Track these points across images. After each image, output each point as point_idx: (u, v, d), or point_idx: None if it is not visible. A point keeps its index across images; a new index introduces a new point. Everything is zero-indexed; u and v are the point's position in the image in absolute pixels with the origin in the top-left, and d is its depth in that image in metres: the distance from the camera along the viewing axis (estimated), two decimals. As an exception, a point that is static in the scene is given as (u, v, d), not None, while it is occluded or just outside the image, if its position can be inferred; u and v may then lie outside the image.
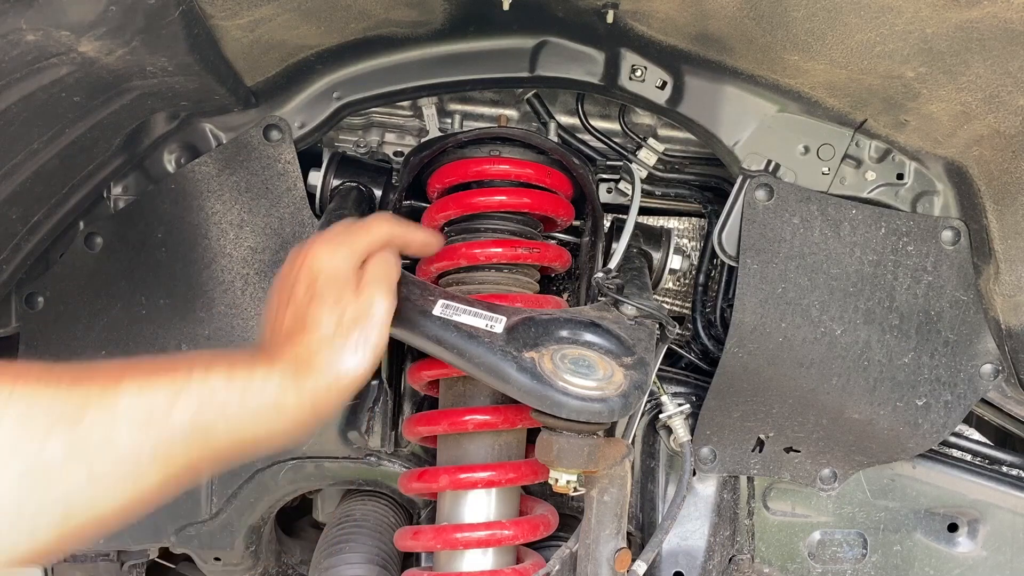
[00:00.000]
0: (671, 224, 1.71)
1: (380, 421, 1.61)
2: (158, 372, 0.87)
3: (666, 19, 1.29)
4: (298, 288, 1.07)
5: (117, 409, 0.83)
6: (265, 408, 0.95)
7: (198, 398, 0.89)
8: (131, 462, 0.84)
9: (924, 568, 1.63)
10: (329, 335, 1.03)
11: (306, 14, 1.25)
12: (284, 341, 1.04)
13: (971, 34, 1.13)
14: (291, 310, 1.07)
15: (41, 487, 0.78)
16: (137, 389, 0.85)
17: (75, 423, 0.80)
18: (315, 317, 1.04)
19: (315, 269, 1.07)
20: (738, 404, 1.50)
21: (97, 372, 0.84)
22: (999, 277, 1.40)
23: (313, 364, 1.01)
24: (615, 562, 1.28)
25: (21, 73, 1.01)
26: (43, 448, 0.78)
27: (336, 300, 1.05)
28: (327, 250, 1.08)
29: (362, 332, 1.05)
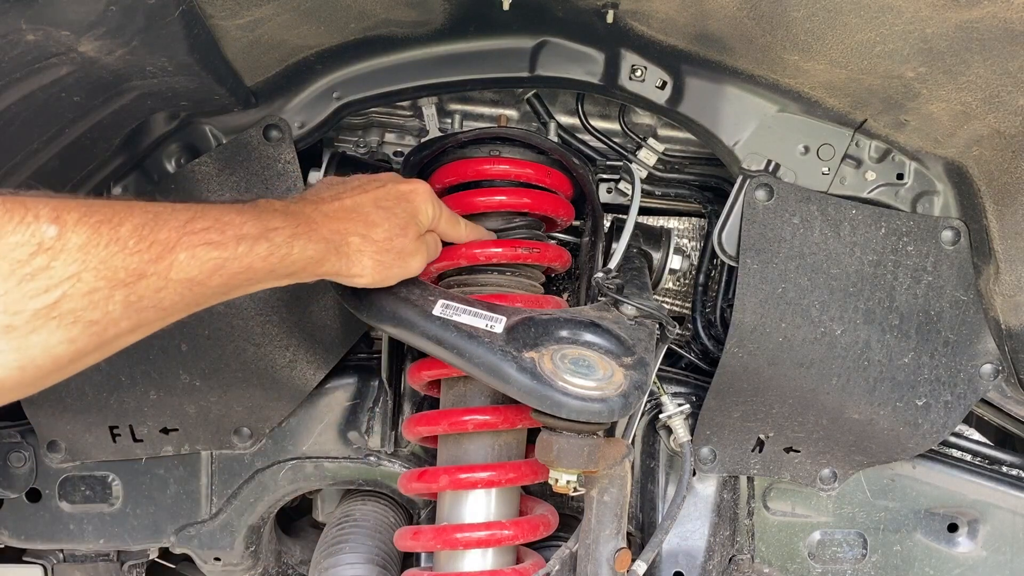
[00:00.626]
0: (671, 224, 1.71)
1: (380, 421, 1.61)
2: (209, 244, 0.95)
3: (666, 19, 1.29)
4: (387, 190, 1.19)
5: (169, 275, 0.91)
6: (285, 275, 1.07)
7: (237, 268, 0.99)
8: (168, 312, 0.94)
9: (924, 568, 1.63)
10: (373, 239, 1.14)
11: (306, 14, 1.25)
12: (336, 214, 1.13)
13: (971, 34, 1.13)
14: (369, 197, 1.17)
15: (99, 335, 0.86)
16: (188, 258, 0.93)
17: (134, 284, 0.88)
18: (378, 220, 1.16)
19: (414, 196, 1.21)
20: (738, 404, 1.50)
21: (158, 231, 0.91)
22: (999, 277, 1.40)
23: (341, 250, 1.12)
24: (615, 562, 1.28)
25: (21, 73, 1.01)
26: (108, 304, 0.86)
27: (404, 227, 1.18)
28: (432, 200, 1.25)
29: (393, 262, 1.18)
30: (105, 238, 0.85)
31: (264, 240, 1.01)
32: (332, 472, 1.64)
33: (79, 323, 0.84)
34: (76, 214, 0.84)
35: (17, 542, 1.63)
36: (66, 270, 0.82)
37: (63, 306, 0.82)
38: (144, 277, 0.89)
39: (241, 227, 0.99)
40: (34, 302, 0.80)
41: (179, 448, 1.58)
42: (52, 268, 0.81)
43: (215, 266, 0.96)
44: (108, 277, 0.85)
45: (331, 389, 1.61)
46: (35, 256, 0.80)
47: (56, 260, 0.81)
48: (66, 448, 1.57)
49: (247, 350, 1.50)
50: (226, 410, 1.55)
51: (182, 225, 0.94)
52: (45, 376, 0.85)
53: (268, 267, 1.02)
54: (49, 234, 0.81)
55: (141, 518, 1.62)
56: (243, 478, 1.62)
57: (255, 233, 1.00)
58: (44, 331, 0.81)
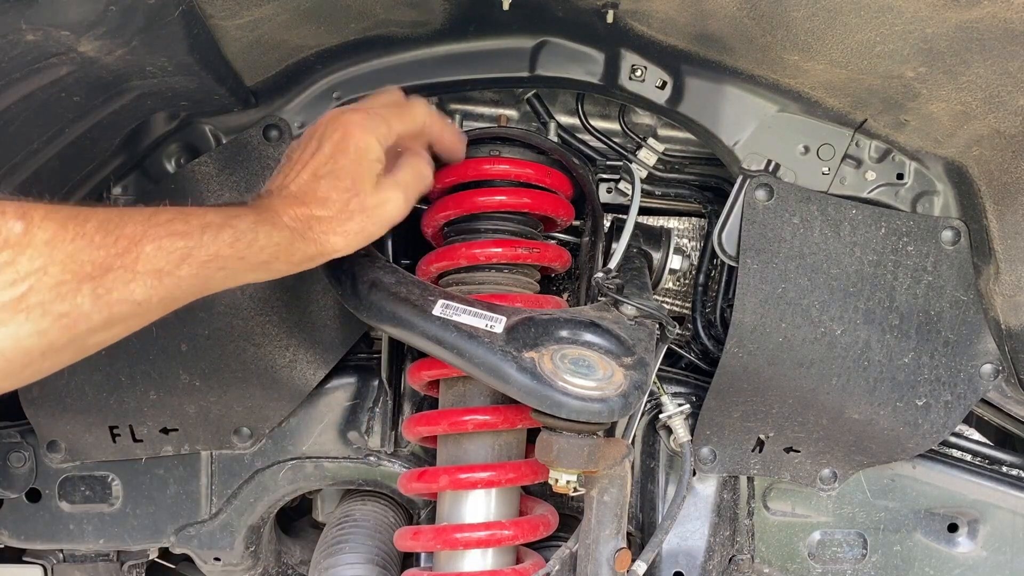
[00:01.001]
0: (671, 224, 1.71)
1: (380, 421, 1.61)
2: (174, 234, 0.97)
3: (666, 19, 1.29)
4: (323, 151, 1.14)
5: (136, 268, 0.93)
6: (260, 264, 1.08)
7: (205, 257, 1.00)
8: (142, 307, 0.96)
9: (924, 568, 1.63)
10: (330, 216, 1.12)
11: (306, 14, 1.25)
12: (291, 200, 1.12)
13: (971, 34, 1.13)
14: (308, 171, 1.14)
15: (70, 328, 0.88)
16: (154, 250, 0.95)
17: (101, 278, 0.90)
18: (325, 193, 1.12)
19: (347, 141, 1.14)
20: (738, 404, 1.50)
21: (123, 226, 0.93)
22: (999, 277, 1.40)
23: (308, 235, 1.11)
24: (615, 562, 1.28)
25: (21, 73, 1.01)
26: (76, 297, 0.88)
27: (353, 182, 1.13)
28: (366, 125, 1.15)
29: (363, 223, 1.15)
30: (71, 233, 0.88)
31: (228, 227, 1.03)
32: (332, 472, 1.64)
33: (48, 315, 0.86)
34: (42, 211, 0.86)
35: (17, 542, 1.63)
36: (32, 264, 0.84)
37: (30, 299, 0.84)
38: (111, 270, 0.91)
39: (204, 216, 1.02)
40: (1, 295, 0.83)
41: (179, 448, 1.58)
42: (18, 263, 0.83)
43: (182, 255, 0.98)
44: (74, 271, 0.87)
45: (331, 389, 1.61)
46: (1, 251, 0.83)
47: (22, 255, 0.84)
48: (66, 448, 1.57)
49: (247, 350, 1.50)
50: (226, 410, 1.55)
51: (146, 219, 0.96)
52: (17, 371, 0.87)
53: (236, 254, 1.03)
54: (15, 230, 0.84)
55: (141, 518, 1.62)
56: (243, 478, 1.62)
57: (219, 221, 1.03)
58: (12, 324, 0.84)
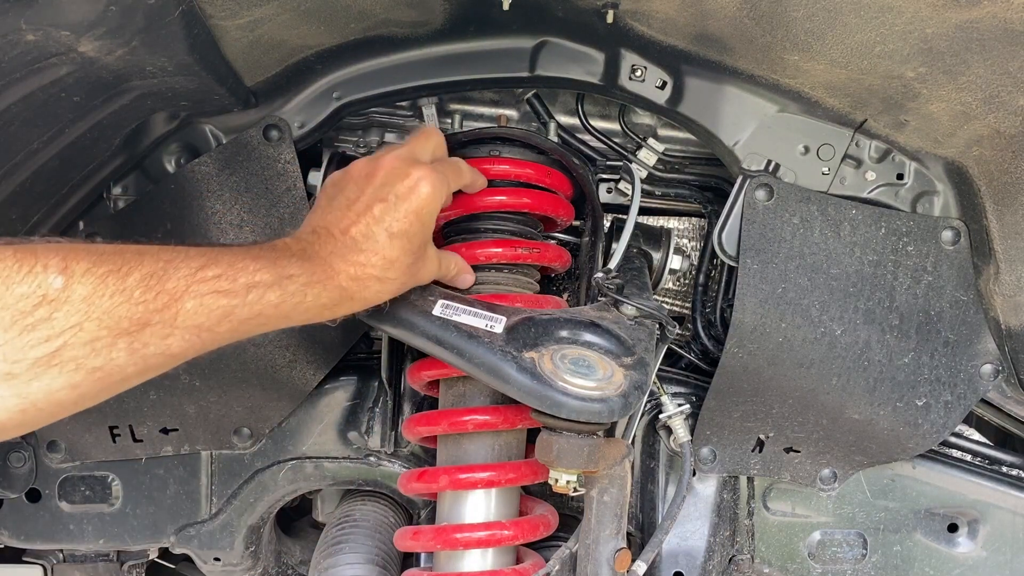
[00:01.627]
0: (671, 224, 1.71)
1: (380, 421, 1.61)
2: (218, 292, 0.95)
3: (666, 19, 1.29)
4: (390, 206, 1.11)
5: (175, 323, 0.92)
6: (300, 319, 1.06)
7: (247, 315, 0.98)
8: (176, 358, 0.95)
9: (924, 568, 1.63)
10: (393, 277, 1.10)
11: (306, 14, 1.25)
12: (348, 256, 1.07)
13: (971, 34, 1.13)
14: (373, 224, 1.09)
15: (103, 380, 0.88)
16: (196, 307, 0.93)
17: (138, 333, 0.89)
18: (395, 255, 1.09)
19: (420, 203, 1.11)
20: (738, 404, 1.50)
21: (165, 281, 0.92)
22: (999, 277, 1.40)
23: (357, 296, 1.09)
24: (615, 562, 1.28)
25: (21, 73, 1.01)
26: (112, 352, 0.87)
27: (421, 248, 1.13)
28: (439, 189, 1.14)
29: (409, 285, 1.16)
30: (110, 289, 0.87)
31: (277, 288, 1.00)
32: (332, 472, 1.64)
33: (81, 370, 0.85)
34: (85, 264, 0.86)
35: (17, 542, 1.63)
36: (68, 320, 0.83)
37: (64, 354, 0.84)
38: (149, 325, 0.90)
39: (254, 274, 0.98)
40: (35, 351, 0.82)
41: (179, 448, 1.58)
42: (54, 319, 0.83)
43: (223, 313, 0.96)
44: (111, 326, 0.86)
45: (331, 389, 1.61)
46: (38, 307, 0.82)
47: (59, 311, 0.83)
48: (66, 448, 1.57)
49: (247, 350, 1.50)
50: (226, 410, 1.55)
51: (192, 273, 0.94)
52: (49, 417, 0.87)
53: (280, 314, 1.02)
54: (55, 286, 0.83)
55: (141, 518, 1.62)
56: (243, 478, 1.62)
57: (268, 280, 0.99)
58: (46, 377, 0.83)
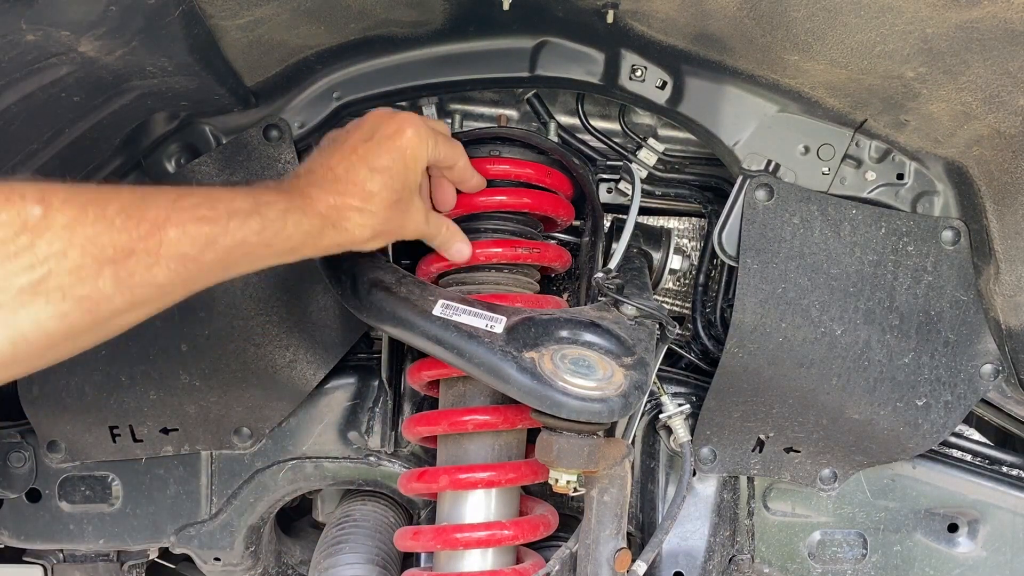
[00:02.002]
0: (671, 224, 1.71)
1: (380, 421, 1.61)
2: (199, 220, 0.95)
3: (666, 19, 1.29)
4: (375, 142, 1.15)
5: (160, 252, 0.92)
6: (286, 250, 1.07)
7: (230, 243, 0.99)
8: (165, 290, 0.94)
9: (924, 568, 1.63)
10: (372, 211, 1.13)
11: (306, 14, 1.25)
12: (333, 185, 1.11)
13: (971, 34, 1.13)
14: (359, 159, 1.14)
15: (92, 311, 0.88)
16: (179, 235, 0.93)
17: (123, 261, 0.89)
18: (375, 188, 1.13)
19: (404, 143, 1.16)
20: (738, 404, 1.50)
21: (146, 210, 0.91)
22: (999, 277, 1.40)
23: (340, 224, 1.11)
24: (615, 562, 1.28)
25: (21, 73, 1.01)
26: (97, 280, 0.87)
27: (403, 186, 1.16)
28: (423, 136, 1.18)
29: (395, 226, 1.18)
30: (91, 216, 0.87)
31: (256, 215, 1.01)
32: (332, 472, 1.64)
33: (68, 298, 0.85)
34: (62, 195, 0.86)
35: (17, 542, 1.63)
36: (51, 247, 0.83)
37: (50, 282, 0.84)
38: (134, 254, 0.90)
39: (232, 202, 1.00)
40: (19, 279, 0.82)
41: (179, 448, 1.58)
42: (36, 247, 0.83)
43: (207, 241, 0.96)
44: (95, 255, 0.87)
45: (331, 389, 1.61)
46: (19, 235, 0.82)
47: (40, 238, 0.83)
48: (66, 448, 1.57)
49: (247, 350, 1.50)
50: (226, 410, 1.55)
51: (171, 202, 0.94)
52: (40, 353, 0.87)
53: (263, 241, 1.02)
54: (34, 213, 0.83)
55: (141, 518, 1.62)
56: (243, 478, 1.62)
57: (247, 208, 1.00)
58: (33, 306, 0.83)
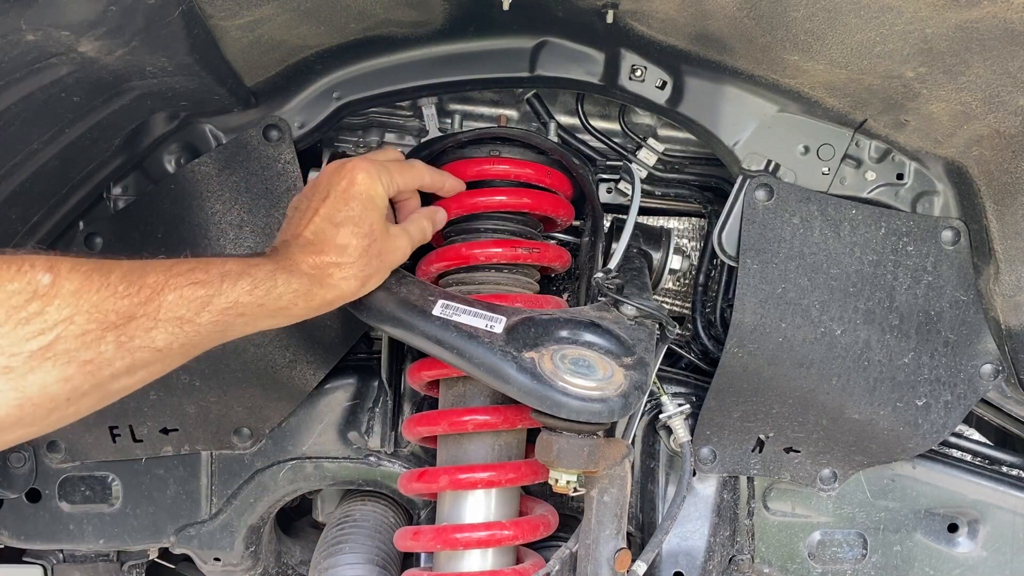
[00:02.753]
0: (671, 224, 1.71)
1: (380, 421, 1.61)
2: (195, 283, 1.01)
3: (666, 19, 1.29)
4: (332, 198, 1.18)
5: (158, 315, 0.97)
6: (278, 310, 1.10)
7: (225, 304, 1.03)
8: (163, 353, 0.99)
9: (924, 568, 1.63)
10: (349, 262, 1.16)
11: (306, 14, 1.25)
12: (308, 248, 1.15)
13: (971, 34, 1.13)
14: (322, 217, 1.17)
15: (94, 374, 0.92)
16: (176, 299, 0.98)
17: (124, 326, 0.93)
18: (345, 240, 1.16)
19: (358, 190, 1.19)
20: (738, 404, 1.50)
21: (145, 276, 0.97)
22: (999, 277, 1.40)
23: (326, 282, 1.15)
24: (615, 562, 1.28)
25: (21, 73, 1.01)
26: (100, 345, 0.92)
27: (371, 229, 1.18)
28: (374, 175, 1.21)
29: (378, 267, 1.20)
30: (96, 284, 0.91)
31: (247, 275, 1.06)
32: (332, 472, 1.64)
33: (73, 362, 0.89)
34: (68, 264, 0.90)
35: (17, 542, 1.63)
36: (60, 314, 0.88)
37: (57, 347, 0.88)
38: (134, 319, 0.94)
39: (223, 265, 1.05)
40: (30, 344, 0.86)
41: (179, 448, 1.58)
42: (46, 313, 0.87)
43: (202, 303, 1.01)
44: (99, 320, 0.91)
45: (331, 389, 1.61)
46: (31, 302, 0.86)
47: (50, 305, 0.87)
48: (66, 448, 1.57)
49: (247, 350, 1.50)
50: (226, 410, 1.55)
51: (167, 268, 1.00)
52: (44, 415, 0.90)
53: (255, 301, 1.06)
54: (44, 282, 0.87)
55: (141, 518, 1.62)
56: (243, 478, 1.62)
57: (237, 270, 1.06)
58: (40, 371, 0.87)
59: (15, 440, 0.91)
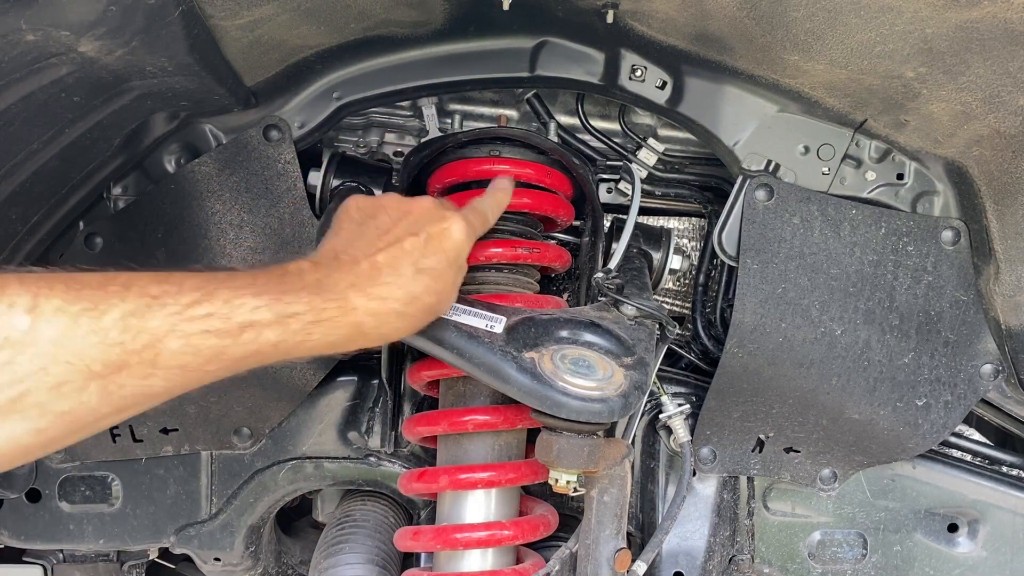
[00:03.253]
0: (671, 224, 1.71)
1: (380, 421, 1.61)
2: (208, 332, 0.86)
3: (666, 19, 1.29)
4: (421, 241, 1.07)
5: (157, 362, 0.84)
6: (305, 356, 0.97)
7: (240, 355, 0.90)
8: (159, 397, 0.87)
9: (924, 568, 1.63)
10: (412, 313, 1.04)
11: (306, 14, 1.25)
12: (370, 284, 1.00)
13: (971, 34, 1.13)
14: (401, 254, 1.04)
15: (73, 423, 0.81)
16: (181, 347, 0.85)
17: (113, 375, 0.81)
18: (418, 290, 1.04)
19: (452, 244, 1.09)
20: (738, 404, 1.50)
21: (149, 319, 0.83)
22: (999, 277, 1.40)
23: (373, 332, 1.01)
24: (615, 562, 1.28)
25: (21, 73, 1.01)
26: (82, 395, 0.80)
27: (443, 288, 1.08)
28: (471, 236, 1.14)
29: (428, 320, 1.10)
30: (83, 329, 0.79)
31: (278, 326, 0.91)
32: (332, 472, 1.64)
33: (47, 415, 0.78)
34: (57, 300, 0.79)
35: (17, 542, 1.63)
36: (31, 364, 0.76)
37: (27, 400, 0.77)
38: (126, 367, 0.82)
39: (252, 312, 0.89)
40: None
41: (179, 448, 1.58)
42: (16, 363, 0.76)
43: (214, 353, 0.88)
44: (81, 369, 0.79)
45: (331, 389, 1.61)
46: (1, 349, 0.75)
47: (22, 355, 0.76)
48: (66, 448, 1.56)
49: (247, 350, 1.50)
50: (226, 410, 1.55)
51: (180, 311, 0.85)
52: (13, 461, 0.80)
53: (280, 352, 0.93)
54: (19, 327, 0.76)
55: (141, 518, 1.62)
56: (243, 478, 1.61)
57: (267, 319, 0.90)
58: (7, 424, 0.77)
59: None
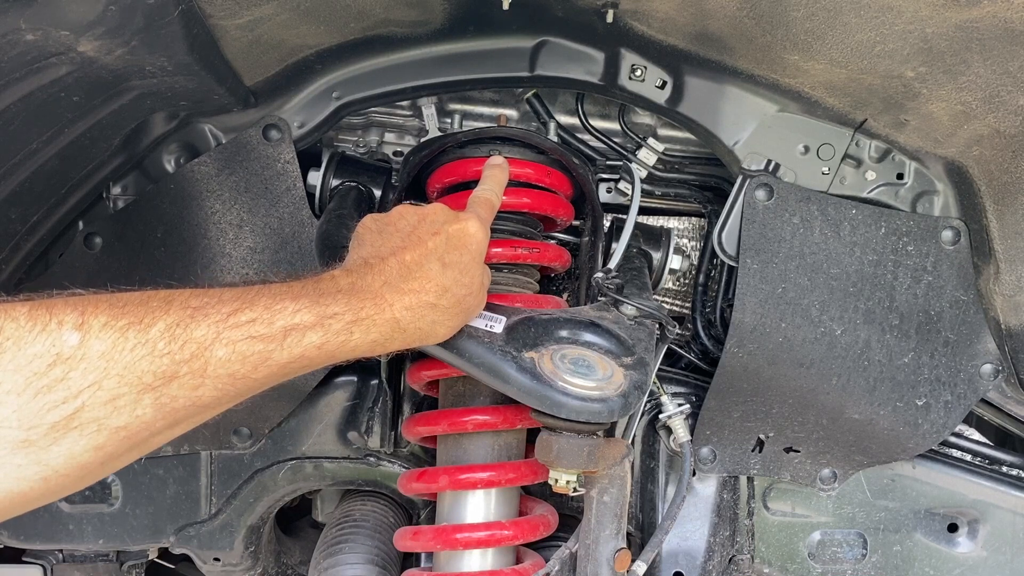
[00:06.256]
0: (671, 224, 1.71)
1: (380, 421, 1.61)
2: (253, 338, 0.89)
3: (666, 19, 1.29)
4: (443, 240, 1.08)
5: (206, 372, 0.86)
6: (347, 357, 1.00)
7: (286, 359, 0.92)
8: (211, 408, 0.89)
9: (924, 568, 1.63)
10: (446, 306, 1.07)
11: (306, 14, 1.25)
12: (403, 282, 1.03)
13: (971, 34, 1.13)
14: (427, 252, 1.06)
15: (130, 439, 0.82)
16: (228, 355, 0.87)
17: (164, 387, 0.83)
18: (450, 285, 1.06)
19: (472, 240, 1.11)
20: (738, 404, 1.50)
21: (193, 329, 0.85)
22: (999, 277, 1.40)
23: (413, 328, 1.04)
24: (615, 562, 1.28)
25: (21, 73, 1.01)
26: (136, 409, 0.81)
27: (470, 281, 1.10)
28: (486, 230, 1.16)
29: (464, 321, 1.14)
30: (131, 342, 0.81)
31: (319, 328, 0.94)
32: (332, 472, 1.64)
33: (104, 430, 0.80)
34: (103, 317, 0.80)
35: (17, 542, 1.63)
36: (85, 379, 0.78)
37: (83, 415, 0.78)
38: (176, 378, 0.84)
39: (293, 315, 0.92)
40: (51, 415, 0.76)
41: (178, 448, 1.58)
42: (70, 379, 0.77)
43: (260, 359, 0.90)
44: (133, 383, 0.80)
45: (331, 389, 1.61)
46: (53, 367, 0.76)
47: (75, 370, 0.77)
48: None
49: (247, 350, 1.49)
50: (226, 410, 1.55)
51: (223, 319, 0.87)
52: (75, 483, 0.82)
53: (325, 354, 0.96)
54: (70, 343, 0.77)
55: (140, 518, 1.62)
56: (243, 478, 1.61)
57: (309, 322, 0.93)
58: (65, 442, 0.78)
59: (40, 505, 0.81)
